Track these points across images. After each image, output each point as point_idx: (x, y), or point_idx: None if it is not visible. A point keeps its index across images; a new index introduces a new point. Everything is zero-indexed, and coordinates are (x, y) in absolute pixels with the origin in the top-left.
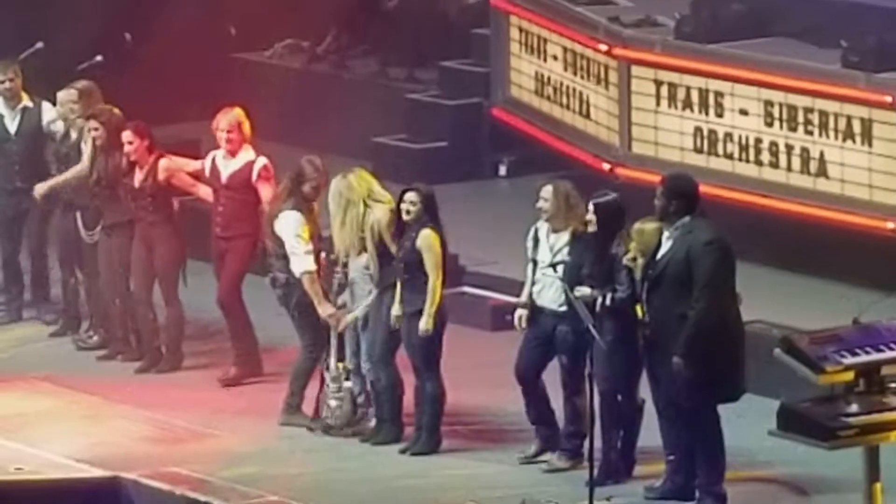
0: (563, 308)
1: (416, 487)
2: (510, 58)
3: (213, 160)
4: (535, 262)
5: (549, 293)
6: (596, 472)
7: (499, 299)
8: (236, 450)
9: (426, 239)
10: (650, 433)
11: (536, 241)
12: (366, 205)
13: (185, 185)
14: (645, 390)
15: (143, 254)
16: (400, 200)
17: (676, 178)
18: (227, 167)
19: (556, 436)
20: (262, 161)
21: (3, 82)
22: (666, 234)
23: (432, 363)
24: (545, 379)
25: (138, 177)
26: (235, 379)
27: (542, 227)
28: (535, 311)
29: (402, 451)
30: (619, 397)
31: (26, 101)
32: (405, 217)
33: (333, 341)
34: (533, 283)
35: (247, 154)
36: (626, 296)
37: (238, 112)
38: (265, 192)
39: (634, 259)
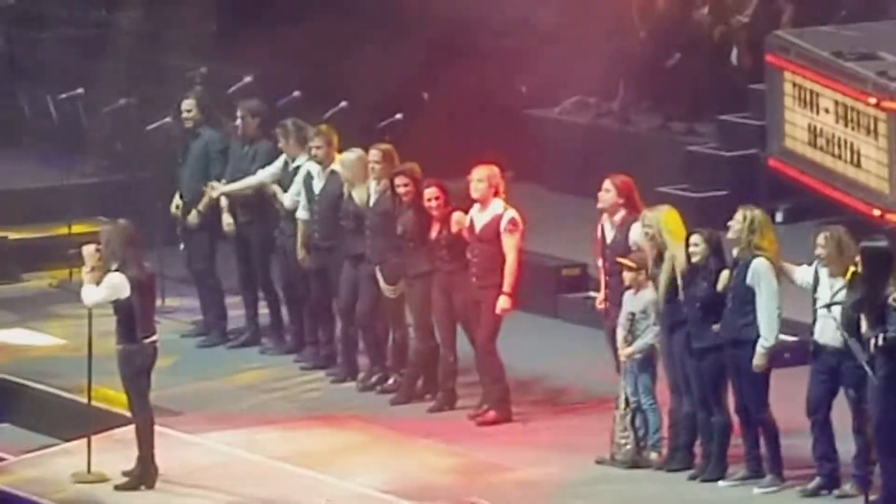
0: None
1: None
2: (784, 111)
3: (471, 213)
4: (815, 301)
5: (830, 332)
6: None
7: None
8: (532, 481)
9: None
10: None
11: (817, 281)
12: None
13: None
14: None
15: (444, 302)
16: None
17: None
18: (480, 219)
19: (838, 472)
20: (510, 214)
21: (319, 147)
22: None
23: (723, 395)
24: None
25: (434, 230)
26: (493, 421)
27: (823, 270)
28: (817, 348)
29: (692, 478)
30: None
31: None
32: (694, 259)
33: (624, 382)
34: (814, 322)
35: (497, 207)
36: (895, 335)
37: (492, 168)
38: (508, 243)
39: None
